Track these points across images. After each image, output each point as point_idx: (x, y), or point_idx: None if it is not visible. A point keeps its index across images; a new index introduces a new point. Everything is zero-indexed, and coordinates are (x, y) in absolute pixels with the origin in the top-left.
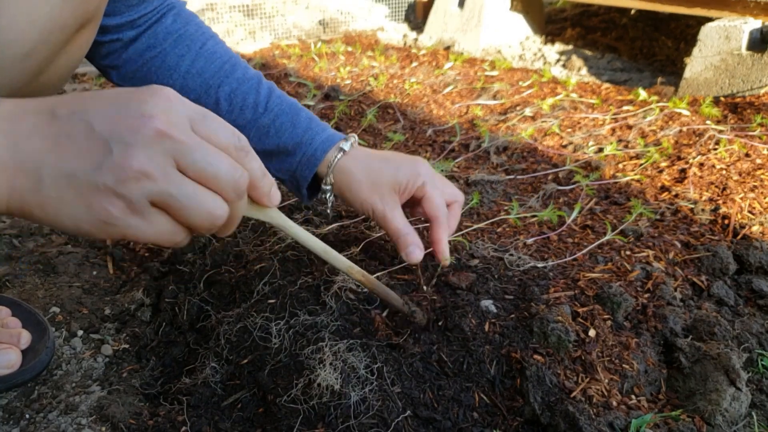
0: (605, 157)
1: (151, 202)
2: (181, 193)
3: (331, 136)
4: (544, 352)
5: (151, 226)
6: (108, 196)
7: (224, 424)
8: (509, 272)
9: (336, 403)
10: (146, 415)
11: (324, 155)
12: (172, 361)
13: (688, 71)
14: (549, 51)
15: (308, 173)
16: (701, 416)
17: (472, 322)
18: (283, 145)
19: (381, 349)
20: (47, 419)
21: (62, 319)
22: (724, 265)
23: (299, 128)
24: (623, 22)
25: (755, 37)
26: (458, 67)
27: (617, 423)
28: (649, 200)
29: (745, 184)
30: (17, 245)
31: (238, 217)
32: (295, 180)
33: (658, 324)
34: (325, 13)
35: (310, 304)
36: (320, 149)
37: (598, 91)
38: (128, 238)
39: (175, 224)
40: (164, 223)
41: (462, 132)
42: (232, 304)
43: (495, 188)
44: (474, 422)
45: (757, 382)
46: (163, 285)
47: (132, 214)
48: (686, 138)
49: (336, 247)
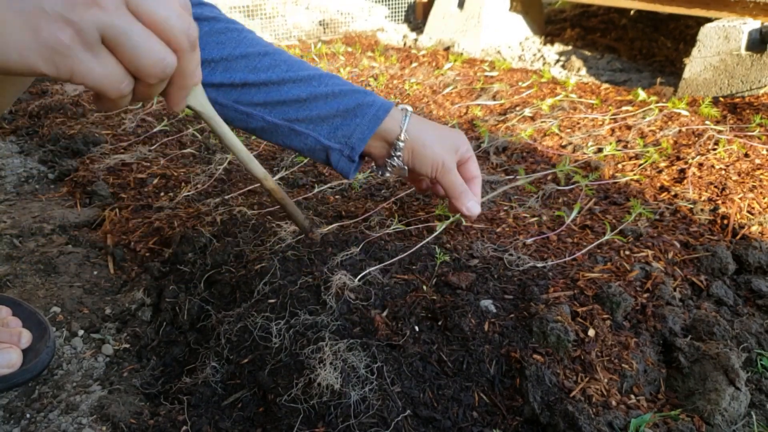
0: (604, 157)
1: (101, 37)
2: (132, 31)
3: (387, 101)
4: (544, 351)
5: (101, 65)
6: (57, 21)
7: (224, 424)
8: (509, 272)
9: (336, 402)
10: (147, 415)
11: (386, 114)
12: (173, 360)
13: (687, 72)
14: (548, 51)
15: (368, 132)
16: (700, 416)
17: (471, 322)
18: (343, 107)
19: (381, 348)
20: (48, 419)
21: (63, 318)
22: (723, 265)
23: (358, 92)
24: (623, 22)
25: (754, 38)
26: (458, 67)
27: (616, 422)
28: (648, 200)
29: (744, 184)
30: (18, 245)
31: (187, 72)
32: (350, 145)
33: (657, 324)
34: (326, 14)
35: (310, 304)
36: (383, 109)
37: (597, 91)
38: (75, 78)
39: (123, 69)
40: (113, 65)
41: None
42: (233, 304)
43: (494, 188)
44: (474, 422)
45: (756, 382)
46: (163, 285)
47: (82, 46)
48: (685, 138)
49: (336, 246)
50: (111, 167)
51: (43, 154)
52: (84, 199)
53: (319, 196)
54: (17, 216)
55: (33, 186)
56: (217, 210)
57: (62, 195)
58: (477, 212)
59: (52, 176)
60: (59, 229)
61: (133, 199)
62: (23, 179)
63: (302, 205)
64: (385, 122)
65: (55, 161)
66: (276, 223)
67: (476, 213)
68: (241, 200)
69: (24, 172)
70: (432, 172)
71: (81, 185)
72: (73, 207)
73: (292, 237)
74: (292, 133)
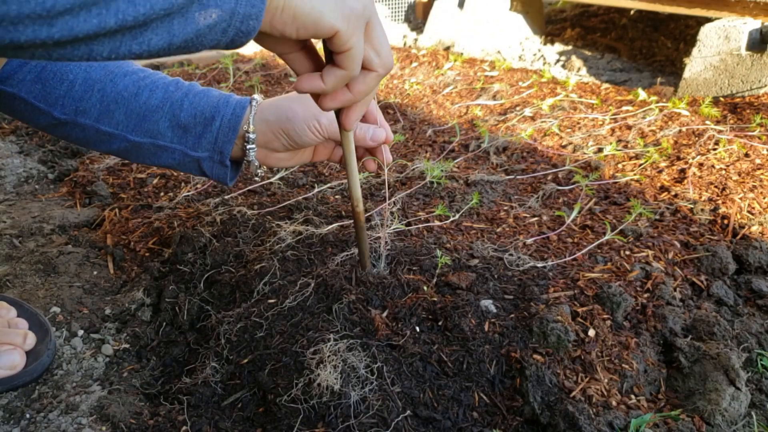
0: (605, 157)
1: None
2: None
3: (243, 98)
4: (544, 351)
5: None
6: None
7: (224, 424)
8: (509, 272)
9: (336, 402)
10: (146, 415)
11: (244, 112)
12: (173, 360)
13: (687, 71)
14: (549, 51)
15: (232, 134)
16: (701, 416)
17: (471, 322)
18: (200, 113)
19: (381, 348)
20: (48, 419)
21: (63, 319)
22: (723, 265)
23: (213, 96)
24: (623, 22)
25: (755, 38)
26: (458, 67)
27: (617, 422)
28: (648, 200)
29: (744, 184)
30: (18, 245)
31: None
32: (217, 150)
33: (657, 324)
34: None
35: (310, 304)
36: (239, 106)
37: (597, 91)
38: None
39: None
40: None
41: (462, 132)
42: (233, 304)
43: (495, 188)
44: (474, 422)
45: (756, 382)
46: (163, 285)
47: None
48: (686, 138)
49: (336, 247)
50: (111, 167)
51: (42, 154)
52: (84, 199)
53: (319, 196)
54: (17, 216)
55: (33, 186)
56: (217, 210)
57: (62, 195)
58: (383, 136)
59: (51, 176)
60: (59, 229)
61: (132, 199)
62: (23, 179)
63: (302, 205)
64: (244, 120)
65: (54, 161)
66: (276, 223)
67: (382, 137)
68: (241, 200)
69: (24, 172)
70: (315, 135)
71: (81, 185)
72: (73, 207)
73: (292, 237)
74: (158, 150)
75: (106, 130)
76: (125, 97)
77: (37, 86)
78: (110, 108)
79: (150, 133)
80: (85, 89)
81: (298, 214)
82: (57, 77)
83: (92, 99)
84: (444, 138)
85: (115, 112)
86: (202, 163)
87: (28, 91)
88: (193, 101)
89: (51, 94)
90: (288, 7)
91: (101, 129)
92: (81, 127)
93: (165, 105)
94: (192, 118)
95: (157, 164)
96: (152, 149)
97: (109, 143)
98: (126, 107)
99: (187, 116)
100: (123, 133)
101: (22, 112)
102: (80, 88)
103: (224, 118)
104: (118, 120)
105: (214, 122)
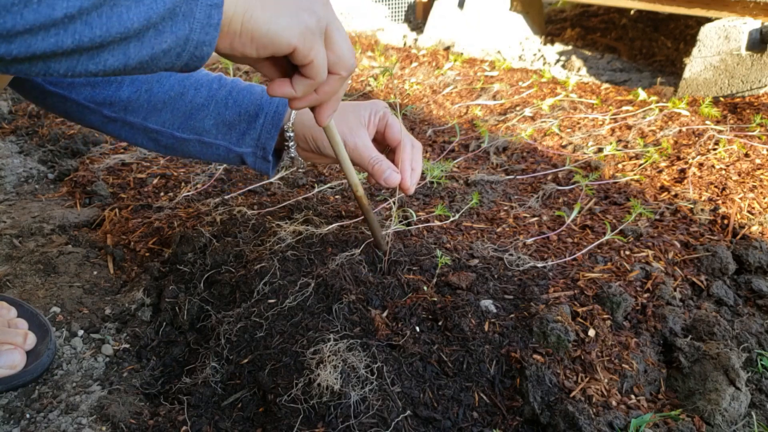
0: (605, 157)
1: None
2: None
3: None
4: (544, 351)
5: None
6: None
7: (224, 424)
8: (509, 272)
9: (336, 402)
10: (146, 415)
11: (286, 109)
12: (173, 360)
13: (687, 71)
14: (549, 51)
15: (274, 131)
16: (701, 416)
17: (471, 322)
18: (244, 110)
19: (381, 348)
20: (48, 419)
21: (63, 319)
22: (723, 265)
23: (256, 92)
24: (623, 22)
25: (755, 38)
26: (458, 67)
27: (617, 423)
28: (648, 200)
29: (744, 184)
30: (18, 245)
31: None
32: (260, 146)
33: (657, 324)
34: None
35: (310, 304)
36: (282, 103)
37: (597, 91)
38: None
39: None
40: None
41: (462, 132)
42: (233, 304)
43: (495, 188)
44: (474, 422)
45: (756, 382)
46: (163, 285)
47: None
48: (686, 138)
49: (336, 247)
50: (111, 167)
51: (42, 154)
52: (84, 199)
53: (319, 196)
54: (17, 216)
55: (33, 186)
56: (217, 210)
57: (62, 195)
58: (395, 182)
59: (51, 176)
60: (59, 229)
61: (132, 199)
62: (23, 179)
63: (302, 205)
64: (285, 117)
65: (54, 161)
66: (276, 223)
67: (394, 183)
68: (241, 200)
69: (24, 172)
70: None
71: (81, 185)
72: (73, 207)
73: (292, 237)
74: (203, 146)
75: (154, 128)
76: (171, 96)
77: (86, 88)
78: (157, 107)
79: (195, 130)
80: (133, 90)
81: (298, 214)
82: (105, 79)
83: (140, 99)
84: (444, 138)
85: (162, 111)
86: (246, 158)
87: (78, 92)
88: (237, 99)
89: (99, 94)
90: (245, 31)
91: (149, 127)
92: (130, 125)
93: (210, 103)
94: (237, 116)
95: (201, 158)
96: (197, 145)
97: (156, 140)
98: (172, 106)
99: (231, 114)
100: (170, 130)
101: (74, 113)
102: (128, 89)
103: (267, 116)
104: (164, 118)
105: (258, 119)
